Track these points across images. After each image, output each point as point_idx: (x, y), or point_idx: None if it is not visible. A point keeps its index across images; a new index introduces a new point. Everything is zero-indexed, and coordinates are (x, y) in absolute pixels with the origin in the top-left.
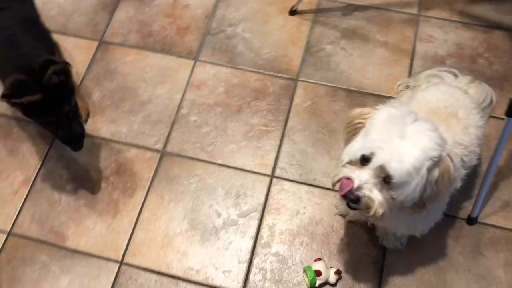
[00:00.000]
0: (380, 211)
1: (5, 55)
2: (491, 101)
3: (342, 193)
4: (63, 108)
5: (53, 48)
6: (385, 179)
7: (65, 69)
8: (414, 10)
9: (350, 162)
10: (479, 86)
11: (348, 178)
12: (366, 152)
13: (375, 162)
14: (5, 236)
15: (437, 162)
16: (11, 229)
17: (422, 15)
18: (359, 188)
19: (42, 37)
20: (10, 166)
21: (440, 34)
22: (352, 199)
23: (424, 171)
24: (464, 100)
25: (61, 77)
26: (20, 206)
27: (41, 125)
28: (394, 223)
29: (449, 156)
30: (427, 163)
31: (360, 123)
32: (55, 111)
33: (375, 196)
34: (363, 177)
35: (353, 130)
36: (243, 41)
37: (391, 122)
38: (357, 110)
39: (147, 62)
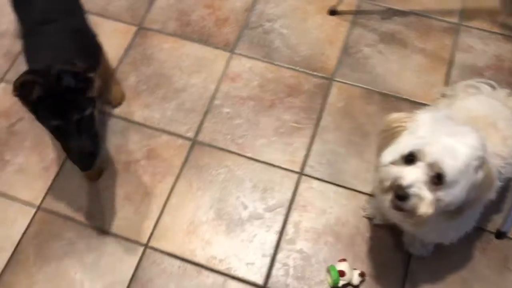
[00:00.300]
0: (429, 211)
1: (43, 57)
2: None
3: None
4: (72, 115)
5: (98, 63)
6: (433, 179)
7: (87, 78)
8: (455, 19)
9: (393, 163)
10: None
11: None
12: (416, 147)
13: (426, 159)
14: (34, 210)
15: (481, 163)
16: (40, 204)
17: (463, 24)
18: (408, 186)
19: (88, 50)
20: (43, 142)
21: (480, 45)
22: (400, 195)
23: (471, 171)
24: (504, 112)
25: (80, 84)
26: (50, 182)
27: (51, 133)
28: (426, 229)
29: None
30: (474, 163)
31: (399, 126)
32: (62, 115)
33: (425, 194)
34: (412, 175)
35: (391, 135)
36: (280, 37)
37: (437, 123)
38: (395, 115)
39: (183, 51)
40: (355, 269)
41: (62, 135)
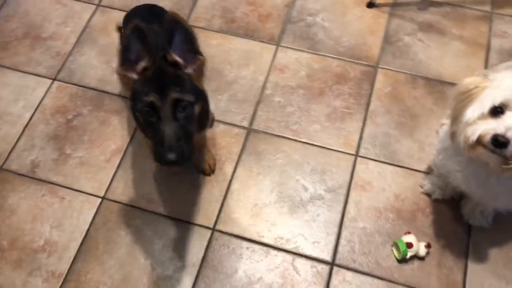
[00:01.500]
0: None
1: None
2: None
3: (487, 138)
4: (171, 91)
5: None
6: None
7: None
8: (487, 8)
9: (479, 118)
10: None
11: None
12: (506, 97)
13: None
14: (99, 200)
15: None
16: (105, 194)
17: (495, 12)
18: (506, 132)
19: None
20: (102, 136)
21: None
22: (502, 142)
23: None
24: None
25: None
26: (113, 173)
27: (142, 118)
28: (499, 189)
29: None
30: None
31: (477, 87)
32: (160, 90)
33: None
34: (506, 123)
35: (469, 96)
36: (322, 30)
37: None
38: (471, 78)
39: (231, 46)
40: (420, 241)
41: (154, 118)
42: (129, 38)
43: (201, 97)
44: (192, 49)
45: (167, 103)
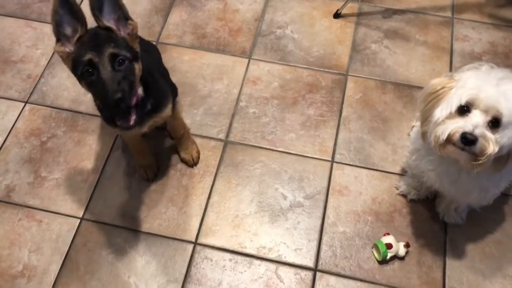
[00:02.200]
0: (496, 149)
1: None
2: None
3: (457, 136)
4: (106, 47)
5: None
6: (489, 123)
7: (127, 20)
8: (448, 13)
9: (448, 118)
10: None
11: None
12: (471, 97)
13: (482, 105)
14: (78, 221)
15: None
16: (83, 215)
17: (456, 17)
18: (474, 130)
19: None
20: (78, 156)
21: (474, 34)
22: (470, 139)
23: None
24: None
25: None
26: (91, 193)
27: (84, 79)
28: (471, 185)
29: None
30: None
31: (444, 88)
32: (95, 48)
33: (490, 135)
34: (473, 121)
35: (437, 96)
36: (292, 41)
37: (483, 74)
38: (437, 79)
39: (203, 61)
40: (399, 241)
41: (95, 76)
42: (59, 12)
43: (138, 59)
44: (123, 16)
45: (104, 57)
